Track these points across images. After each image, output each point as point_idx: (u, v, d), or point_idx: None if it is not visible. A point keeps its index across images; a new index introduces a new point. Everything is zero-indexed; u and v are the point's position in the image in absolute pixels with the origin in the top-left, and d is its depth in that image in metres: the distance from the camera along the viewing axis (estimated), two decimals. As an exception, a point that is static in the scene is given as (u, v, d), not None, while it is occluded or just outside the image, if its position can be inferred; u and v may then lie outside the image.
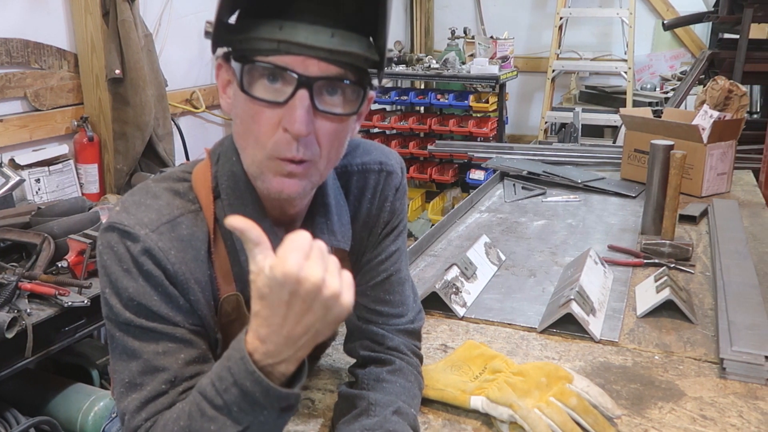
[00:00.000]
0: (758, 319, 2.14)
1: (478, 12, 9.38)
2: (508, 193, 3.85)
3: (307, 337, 1.21)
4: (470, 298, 2.43)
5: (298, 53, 1.29)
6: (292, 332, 1.20)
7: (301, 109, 1.29)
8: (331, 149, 1.40)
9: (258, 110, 1.33)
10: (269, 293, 1.17)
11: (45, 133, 4.60)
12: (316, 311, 1.18)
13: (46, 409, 3.24)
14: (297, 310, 1.17)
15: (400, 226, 1.77)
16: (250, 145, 1.38)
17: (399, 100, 7.48)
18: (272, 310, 1.19)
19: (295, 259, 1.14)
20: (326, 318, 1.20)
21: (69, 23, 4.78)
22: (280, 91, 1.32)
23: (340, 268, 1.21)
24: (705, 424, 1.73)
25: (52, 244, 3.28)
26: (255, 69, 1.32)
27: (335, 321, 1.22)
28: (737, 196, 3.73)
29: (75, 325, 3.14)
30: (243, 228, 1.18)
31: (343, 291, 1.19)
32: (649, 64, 8.75)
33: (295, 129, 1.30)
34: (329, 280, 1.17)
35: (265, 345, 1.22)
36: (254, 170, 1.41)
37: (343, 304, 1.19)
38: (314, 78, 1.30)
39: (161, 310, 1.40)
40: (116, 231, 1.39)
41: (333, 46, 1.29)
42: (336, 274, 1.19)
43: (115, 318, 1.41)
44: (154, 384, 1.41)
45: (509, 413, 1.64)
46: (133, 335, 1.41)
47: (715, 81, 3.99)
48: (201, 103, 5.94)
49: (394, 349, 1.72)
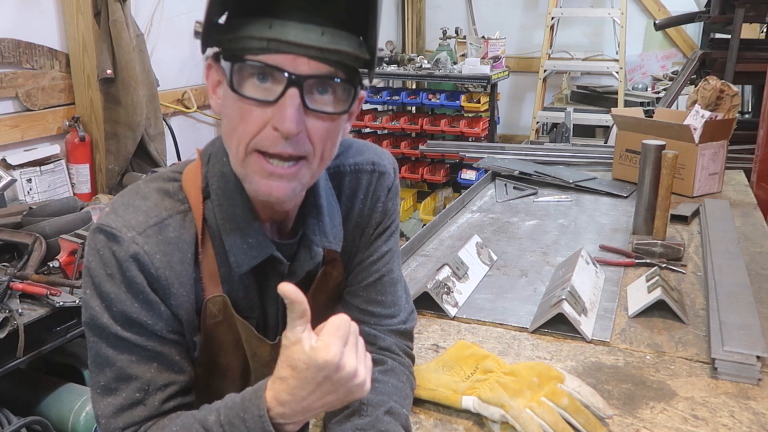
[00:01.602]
0: (750, 319, 2.14)
1: (470, 12, 9.38)
2: (499, 193, 3.85)
3: (322, 410, 1.34)
4: (462, 298, 2.44)
5: (288, 51, 1.28)
6: (312, 405, 1.31)
7: (291, 107, 1.29)
8: (324, 148, 1.40)
9: (247, 109, 1.33)
10: (305, 370, 1.26)
11: (36, 133, 4.60)
12: (340, 393, 1.31)
13: (38, 409, 3.24)
14: (324, 390, 1.29)
15: (392, 227, 1.77)
16: (234, 144, 1.38)
17: (390, 100, 7.48)
18: (301, 384, 1.28)
19: (337, 348, 1.25)
20: (346, 398, 1.33)
21: (60, 23, 4.78)
22: (270, 90, 1.31)
23: (365, 351, 1.34)
24: (696, 424, 1.73)
25: (43, 244, 3.27)
26: (245, 68, 1.31)
27: (351, 400, 1.35)
28: (729, 196, 3.73)
29: (66, 325, 3.14)
30: (292, 299, 1.24)
31: (367, 378, 1.32)
32: (640, 64, 8.77)
33: (285, 127, 1.29)
34: (360, 369, 1.29)
35: (282, 408, 1.31)
36: (240, 171, 1.41)
37: (364, 389, 1.32)
38: (304, 76, 1.30)
39: (140, 317, 1.41)
40: (103, 233, 1.40)
41: (323, 44, 1.29)
42: (365, 361, 1.32)
43: (92, 321, 1.43)
44: (128, 392, 1.44)
45: (501, 413, 1.64)
46: (107, 341, 1.43)
47: (707, 81, 4.00)
48: (192, 103, 5.94)
49: (386, 349, 1.73)
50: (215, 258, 1.50)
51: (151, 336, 1.42)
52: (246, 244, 1.48)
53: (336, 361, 1.24)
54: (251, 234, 1.48)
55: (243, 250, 1.48)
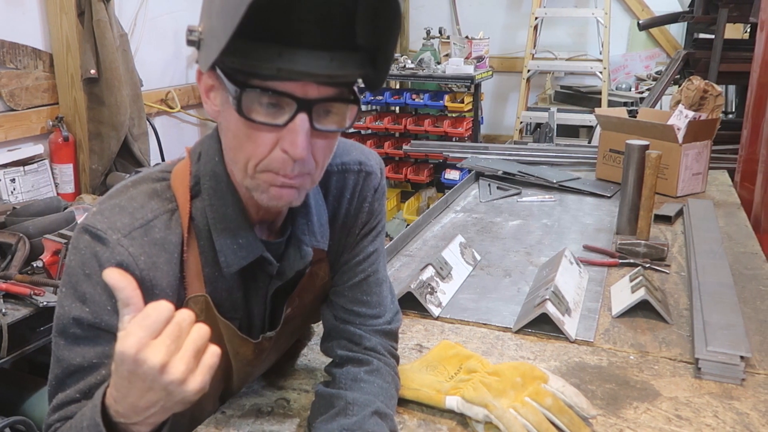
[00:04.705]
0: (733, 319, 2.14)
1: (453, 12, 9.37)
2: (483, 193, 3.85)
3: (154, 410, 1.21)
4: (445, 298, 2.44)
5: (297, 79, 1.27)
6: (137, 403, 1.20)
7: (302, 133, 1.30)
8: (324, 161, 1.43)
9: (255, 131, 1.33)
10: (115, 362, 1.18)
11: (20, 133, 4.59)
12: (158, 392, 1.17)
13: (22, 409, 3.23)
14: (138, 386, 1.17)
15: (378, 227, 1.77)
16: (241, 161, 1.38)
17: (374, 100, 7.49)
18: (117, 378, 1.20)
19: (134, 340, 1.12)
20: (171, 398, 1.18)
21: (44, 23, 4.77)
22: (277, 114, 1.31)
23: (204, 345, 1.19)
24: (680, 424, 1.73)
25: (27, 244, 3.27)
26: (253, 93, 1.30)
27: (183, 401, 1.20)
28: (712, 196, 3.74)
29: (50, 325, 3.09)
30: (114, 285, 1.15)
31: (190, 377, 1.17)
32: (624, 64, 8.78)
33: (298, 154, 1.31)
34: (173, 365, 1.14)
35: (116, 405, 1.24)
36: (249, 183, 1.40)
37: (187, 390, 1.16)
38: (313, 101, 1.30)
39: (111, 321, 1.39)
40: (88, 234, 1.40)
41: (332, 71, 1.28)
42: (186, 357, 1.16)
43: (58, 318, 1.43)
44: (71, 390, 1.43)
45: (484, 413, 1.65)
46: (65, 340, 1.42)
47: (691, 81, 4.01)
48: (176, 103, 5.93)
49: (371, 349, 1.73)
50: (200, 257, 1.51)
51: (109, 342, 1.40)
52: (236, 245, 1.48)
53: (131, 353, 1.12)
54: (242, 234, 1.49)
55: (233, 250, 1.48)
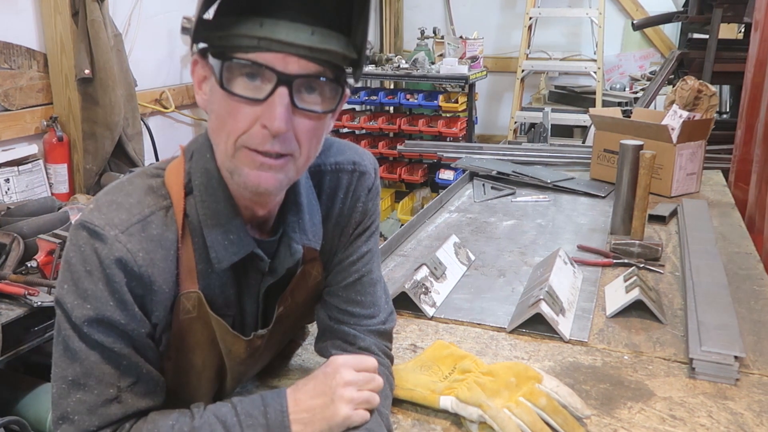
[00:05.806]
0: (727, 319, 2.15)
1: (448, 12, 9.37)
2: (477, 193, 3.86)
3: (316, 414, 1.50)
4: (440, 298, 2.44)
5: (278, 50, 1.29)
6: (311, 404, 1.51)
7: (281, 106, 1.30)
8: (309, 146, 1.42)
9: (236, 106, 1.34)
10: None
11: (14, 133, 4.57)
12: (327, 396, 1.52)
13: (16, 409, 3.22)
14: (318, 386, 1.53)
15: (372, 227, 1.77)
16: (222, 140, 1.38)
17: (368, 100, 7.46)
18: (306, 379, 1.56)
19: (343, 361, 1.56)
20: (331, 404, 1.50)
21: (38, 23, 4.75)
22: (259, 88, 1.32)
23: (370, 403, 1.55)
24: (674, 424, 1.74)
25: (21, 244, 3.26)
26: (234, 66, 1.32)
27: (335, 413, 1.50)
28: (707, 196, 3.75)
29: (44, 324, 3.12)
30: None
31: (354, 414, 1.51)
32: (618, 64, 8.78)
33: (275, 127, 1.31)
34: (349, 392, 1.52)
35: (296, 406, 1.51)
36: (228, 164, 1.41)
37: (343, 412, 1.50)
38: (294, 75, 1.31)
39: (114, 316, 1.39)
40: (86, 230, 1.39)
41: (313, 44, 1.30)
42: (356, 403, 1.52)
43: (66, 315, 1.41)
44: (100, 388, 1.42)
45: (479, 413, 1.65)
46: (79, 335, 1.41)
47: (685, 81, 4.02)
48: (170, 103, 5.91)
49: (365, 349, 1.73)
50: (194, 254, 1.50)
51: (122, 335, 1.41)
52: (227, 241, 1.48)
53: (337, 363, 1.53)
54: (233, 230, 1.49)
55: (224, 246, 1.48)
